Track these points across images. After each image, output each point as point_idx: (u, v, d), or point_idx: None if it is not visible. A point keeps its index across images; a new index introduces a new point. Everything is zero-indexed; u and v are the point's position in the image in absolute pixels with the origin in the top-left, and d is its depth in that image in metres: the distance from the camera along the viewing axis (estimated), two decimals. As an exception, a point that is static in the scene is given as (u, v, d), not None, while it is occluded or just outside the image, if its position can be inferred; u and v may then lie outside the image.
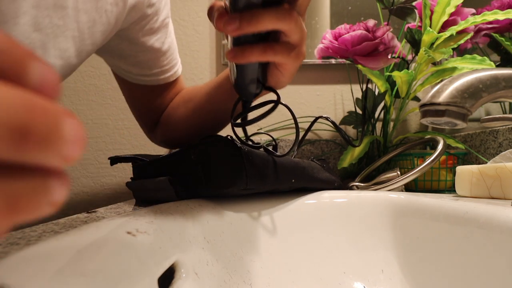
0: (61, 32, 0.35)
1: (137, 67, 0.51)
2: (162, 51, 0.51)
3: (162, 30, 0.50)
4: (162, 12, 0.49)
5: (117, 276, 0.15)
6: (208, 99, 0.51)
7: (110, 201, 0.83)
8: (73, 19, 0.36)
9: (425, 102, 0.31)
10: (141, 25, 0.47)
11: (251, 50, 0.28)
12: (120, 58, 0.50)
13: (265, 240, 0.36)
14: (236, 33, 0.26)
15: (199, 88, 0.55)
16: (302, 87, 0.85)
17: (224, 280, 0.27)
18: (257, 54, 0.28)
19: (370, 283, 0.36)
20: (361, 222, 0.40)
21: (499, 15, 0.51)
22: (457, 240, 0.31)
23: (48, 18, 0.33)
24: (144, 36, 0.48)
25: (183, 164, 0.34)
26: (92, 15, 0.38)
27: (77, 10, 0.36)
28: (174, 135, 0.55)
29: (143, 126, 0.59)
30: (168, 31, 0.51)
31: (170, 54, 0.52)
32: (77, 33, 0.37)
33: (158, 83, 0.53)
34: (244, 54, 0.28)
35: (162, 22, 0.49)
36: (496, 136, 0.58)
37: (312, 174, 0.42)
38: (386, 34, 0.59)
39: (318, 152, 0.80)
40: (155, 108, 0.56)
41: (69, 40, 0.36)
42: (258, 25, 0.26)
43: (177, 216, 0.26)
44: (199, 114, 0.52)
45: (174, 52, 0.54)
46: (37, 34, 0.33)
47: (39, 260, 0.13)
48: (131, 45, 0.48)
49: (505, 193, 0.36)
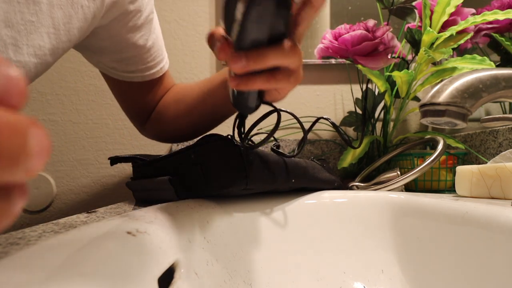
0: (34, 28, 0.34)
1: (121, 64, 0.50)
2: (146, 48, 0.50)
3: (146, 27, 0.49)
4: (145, 9, 0.48)
5: (117, 276, 0.15)
6: (202, 102, 0.51)
7: (110, 201, 0.83)
8: (47, 15, 0.35)
9: (425, 102, 0.31)
10: (124, 22, 0.46)
11: (254, 80, 0.28)
12: (102, 54, 0.49)
13: (265, 240, 0.36)
14: (242, 71, 0.27)
15: (190, 88, 0.55)
16: (302, 87, 0.85)
17: (224, 280, 0.27)
18: (260, 83, 0.28)
19: (370, 283, 0.36)
20: (361, 222, 0.40)
21: (499, 15, 0.51)
22: (457, 240, 0.31)
23: (19, 13, 0.32)
24: (128, 33, 0.47)
25: (183, 164, 0.34)
26: (68, 10, 0.37)
27: (51, 5, 0.35)
28: (166, 132, 0.56)
29: (134, 121, 0.60)
30: (153, 27, 0.50)
31: (155, 51, 0.52)
32: (52, 29, 0.36)
33: (144, 80, 0.53)
34: (248, 84, 0.28)
35: (146, 18, 0.48)
36: (496, 136, 0.58)
37: (312, 174, 0.42)
38: (386, 34, 0.59)
39: (318, 152, 0.80)
40: (144, 104, 0.56)
41: (44, 37, 0.35)
42: (264, 63, 0.26)
43: (177, 216, 0.26)
44: (190, 115, 0.53)
45: (160, 48, 0.53)
46: (9, 31, 0.32)
47: (39, 260, 0.13)
48: (114, 42, 0.47)
49: (505, 193, 0.36)
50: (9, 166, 0.08)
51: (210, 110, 0.51)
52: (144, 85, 0.54)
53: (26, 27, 0.33)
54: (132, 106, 0.57)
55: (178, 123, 0.54)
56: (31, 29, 0.34)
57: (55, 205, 0.82)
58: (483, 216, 0.29)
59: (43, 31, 0.35)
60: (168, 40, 0.82)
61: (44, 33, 0.35)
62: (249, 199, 0.38)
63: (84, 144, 0.83)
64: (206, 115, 0.52)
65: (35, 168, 0.08)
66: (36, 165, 0.08)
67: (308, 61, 0.83)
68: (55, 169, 0.82)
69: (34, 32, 0.34)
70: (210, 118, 0.53)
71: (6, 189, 0.08)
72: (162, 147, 0.84)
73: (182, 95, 0.55)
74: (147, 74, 0.52)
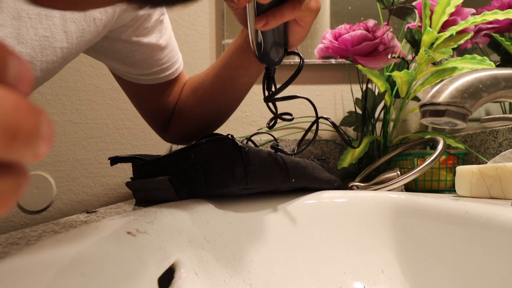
0: (48, 44, 0.33)
1: (135, 67, 0.49)
2: (160, 48, 0.49)
3: (157, 28, 0.48)
4: (155, 11, 0.47)
5: (117, 276, 0.15)
6: (219, 80, 0.50)
7: (110, 201, 0.83)
8: (61, 29, 0.34)
9: (425, 102, 0.31)
10: (134, 27, 0.45)
11: (281, 12, 0.31)
12: (116, 59, 0.48)
13: (265, 240, 0.36)
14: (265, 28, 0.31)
15: (204, 74, 0.53)
16: (302, 87, 0.85)
17: (224, 280, 0.27)
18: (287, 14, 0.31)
19: (370, 283, 0.36)
20: (361, 222, 0.40)
21: (499, 15, 0.51)
22: (457, 240, 0.31)
23: (32, 29, 0.32)
24: (139, 36, 0.47)
25: (183, 164, 0.34)
26: (81, 24, 0.36)
27: (64, 20, 0.34)
28: (191, 126, 0.54)
29: (154, 126, 0.58)
30: (164, 27, 0.50)
31: (168, 51, 0.51)
32: (66, 44, 0.35)
33: (159, 82, 0.52)
34: (276, 17, 0.30)
35: (157, 20, 0.48)
36: (496, 136, 0.58)
37: (312, 174, 0.42)
38: (386, 34, 0.59)
39: (318, 152, 0.80)
40: (164, 106, 0.54)
41: (58, 52, 0.35)
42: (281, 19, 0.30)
43: (177, 216, 0.26)
44: (211, 98, 0.51)
45: (174, 49, 0.52)
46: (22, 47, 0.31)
47: (39, 260, 0.13)
48: (126, 45, 0.47)
49: (505, 193, 0.36)
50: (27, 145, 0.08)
51: (229, 82, 0.49)
52: (162, 86, 0.53)
53: (40, 42, 0.33)
54: (152, 110, 0.55)
55: (200, 110, 0.53)
56: (45, 44, 0.33)
57: (55, 205, 0.82)
58: (483, 216, 0.29)
59: (56, 46, 0.35)
60: (168, 40, 0.82)
61: (58, 48, 0.35)
62: (249, 199, 0.38)
63: (84, 144, 0.83)
64: (228, 92, 0.50)
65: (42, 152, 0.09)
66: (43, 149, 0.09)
67: (308, 61, 0.83)
68: (55, 169, 0.82)
69: (48, 48, 0.34)
70: (231, 91, 0.51)
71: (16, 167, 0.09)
72: (162, 147, 0.84)
73: (198, 83, 0.54)
74: (163, 76, 0.51)
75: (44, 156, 0.09)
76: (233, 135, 0.34)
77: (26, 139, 0.08)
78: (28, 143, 0.08)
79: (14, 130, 0.08)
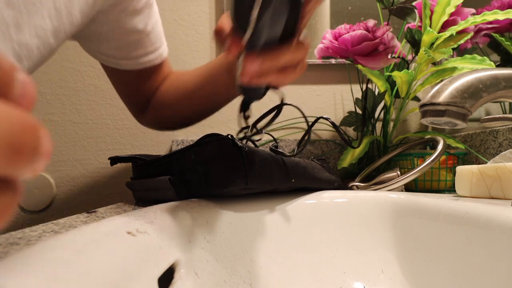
0: (35, 9, 0.34)
1: (120, 51, 0.50)
2: (146, 32, 0.50)
3: (145, 11, 0.49)
4: None
5: (117, 276, 0.15)
6: (201, 87, 0.51)
7: (110, 201, 0.83)
8: None
9: (425, 102, 0.31)
10: (123, 6, 0.46)
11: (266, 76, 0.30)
12: (101, 41, 0.49)
13: (265, 240, 0.36)
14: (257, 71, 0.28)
15: (188, 74, 0.55)
16: (302, 87, 0.85)
17: (224, 280, 0.27)
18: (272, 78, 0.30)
19: (370, 283, 0.36)
20: (361, 222, 0.40)
21: (499, 15, 0.51)
22: (457, 240, 0.31)
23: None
24: (127, 17, 0.47)
25: (183, 164, 0.34)
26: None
27: None
28: (165, 118, 0.56)
29: (131, 109, 0.60)
30: (152, 11, 0.50)
31: (154, 36, 0.51)
32: (54, 11, 0.36)
33: (143, 67, 0.52)
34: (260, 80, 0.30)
35: (146, 2, 0.48)
36: (496, 136, 0.58)
37: (312, 174, 0.42)
38: (386, 34, 0.59)
39: (318, 152, 0.80)
40: (143, 92, 0.56)
41: (46, 18, 0.36)
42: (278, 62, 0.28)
43: (177, 216, 0.26)
44: (190, 99, 0.53)
45: (159, 34, 0.53)
46: (10, 11, 0.32)
47: (39, 260, 0.13)
48: (113, 28, 0.47)
49: (505, 193, 0.36)
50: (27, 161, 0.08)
51: (210, 94, 0.51)
52: (143, 72, 0.53)
53: (27, 7, 0.34)
54: (131, 95, 0.57)
55: (178, 107, 0.54)
56: (32, 9, 0.34)
57: (55, 205, 0.82)
58: (483, 216, 0.29)
59: (44, 12, 0.35)
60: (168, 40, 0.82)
61: (46, 14, 0.36)
62: (249, 199, 0.38)
63: (84, 144, 0.83)
64: (206, 99, 0.52)
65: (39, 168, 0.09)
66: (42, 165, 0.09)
67: (308, 61, 0.83)
68: (55, 169, 0.82)
69: (35, 13, 0.34)
70: (211, 102, 0.53)
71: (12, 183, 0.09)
72: (162, 147, 0.84)
73: (181, 80, 0.55)
74: (146, 60, 0.52)
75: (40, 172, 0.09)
76: (233, 135, 0.34)
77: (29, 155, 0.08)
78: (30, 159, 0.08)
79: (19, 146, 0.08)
